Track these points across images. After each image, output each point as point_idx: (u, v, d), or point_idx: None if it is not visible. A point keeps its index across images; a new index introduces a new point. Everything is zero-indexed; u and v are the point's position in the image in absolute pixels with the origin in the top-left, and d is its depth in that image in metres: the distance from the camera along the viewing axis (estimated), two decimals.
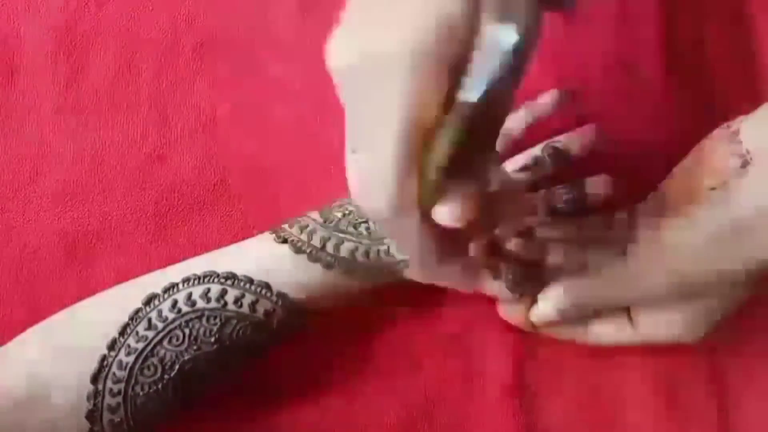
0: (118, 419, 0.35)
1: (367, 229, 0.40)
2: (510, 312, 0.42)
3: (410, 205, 0.27)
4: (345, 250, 0.39)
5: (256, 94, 0.47)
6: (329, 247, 0.39)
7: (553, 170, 0.44)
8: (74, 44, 0.47)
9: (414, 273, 0.39)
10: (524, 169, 0.43)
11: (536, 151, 0.44)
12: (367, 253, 0.39)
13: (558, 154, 0.43)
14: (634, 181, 0.46)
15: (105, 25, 0.48)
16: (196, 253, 0.40)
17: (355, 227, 0.40)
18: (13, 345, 0.37)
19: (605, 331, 0.41)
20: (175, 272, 0.38)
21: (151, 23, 0.48)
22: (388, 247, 0.40)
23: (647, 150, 0.48)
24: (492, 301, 0.44)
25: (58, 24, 0.47)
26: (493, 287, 0.41)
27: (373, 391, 0.44)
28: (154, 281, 0.38)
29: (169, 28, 0.47)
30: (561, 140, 0.44)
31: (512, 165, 0.44)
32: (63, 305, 0.39)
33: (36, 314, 0.38)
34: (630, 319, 0.40)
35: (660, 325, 0.39)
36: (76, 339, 0.37)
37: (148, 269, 0.39)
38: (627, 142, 0.47)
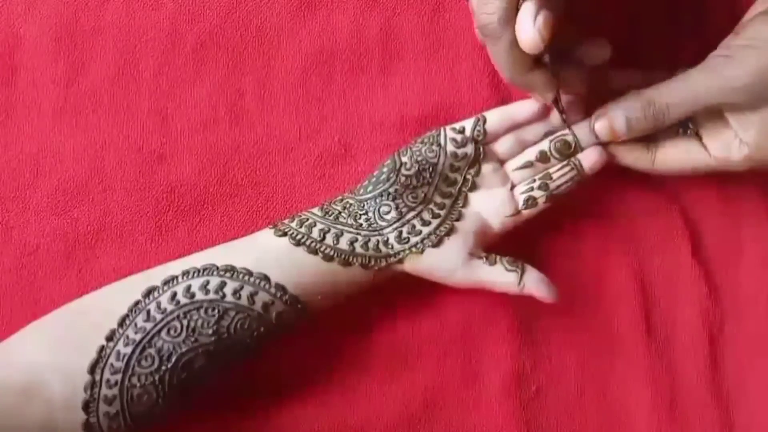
0: (114, 411, 0.35)
1: (367, 220, 0.40)
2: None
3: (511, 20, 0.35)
4: (344, 241, 0.39)
5: (255, 94, 0.47)
6: (328, 239, 0.39)
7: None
8: (74, 44, 0.47)
9: (507, 78, 0.39)
10: (527, 165, 0.43)
11: (543, 146, 0.43)
12: (366, 244, 0.39)
13: (567, 146, 0.42)
14: (633, 181, 0.46)
15: (105, 25, 0.48)
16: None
17: (355, 219, 0.40)
18: (13, 338, 0.37)
19: (676, 155, 0.41)
20: (175, 266, 0.38)
21: (151, 23, 0.48)
22: (387, 238, 0.40)
23: None
24: (492, 301, 0.43)
25: (58, 24, 0.48)
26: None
27: (373, 390, 0.43)
28: (154, 275, 0.38)
29: (169, 29, 0.48)
30: (569, 133, 0.42)
31: (516, 162, 0.43)
32: (63, 304, 0.39)
33: (36, 313, 0.38)
34: (702, 145, 0.40)
35: (733, 146, 0.39)
36: (76, 330, 0.37)
37: (148, 268, 0.39)
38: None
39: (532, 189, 0.42)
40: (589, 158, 0.42)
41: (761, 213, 0.47)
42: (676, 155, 0.41)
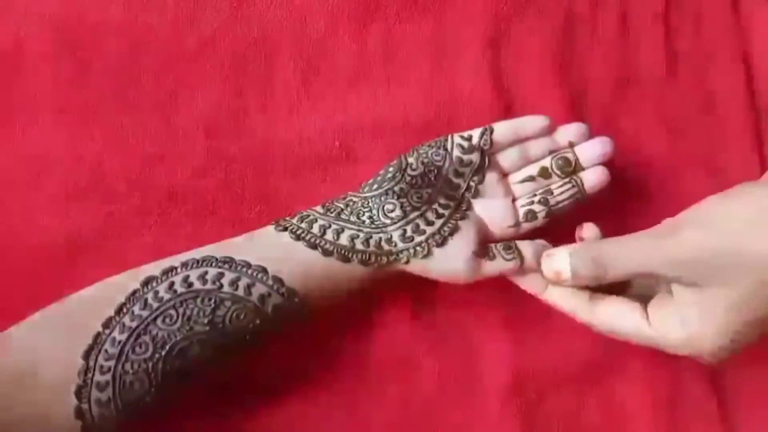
0: (106, 398, 0.34)
1: (370, 217, 0.40)
2: (525, 280, 0.41)
3: None
4: (345, 237, 0.39)
5: (257, 97, 0.48)
6: (329, 235, 0.39)
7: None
8: (77, 45, 0.48)
9: None
10: (529, 179, 0.43)
11: (545, 162, 0.43)
12: (367, 241, 0.39)
13: (568, 164, 0.43)
14: (634, 182, 0.46)
15: (108, 26, 0.48)
16: None
17: (357, 216, 0.40)
18: (13, 327, 0.37)
19: (616, 317, 0.38)
20: (175, 258, 0.38)
21: (154, 25, 0.48)
22: (391, 236, 0.40)
23: (647, 151, 0.48)
24: (492, 304, 0.43)
25: (61, 25, 0.48)
26: None
27: (373, 390, 0.43)
28: (154, 266, 0.38)
29: (171, 31, 0.48)
30: (570, 151, 0.43)
31: (518, 175, 0.43)
32: None
33: None
34: (645, 312, 0.38)
35: (673, 322, 0.36)
36: (74, 317, 0.36)
37: None
38: (626, 144, 0.47)
39: (532, 203, 0.42)
40: (591, 178, 0.42)
41: None
42: (614, 318, 0.39)
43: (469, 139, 0.43)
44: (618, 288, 0.40)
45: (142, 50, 0.48)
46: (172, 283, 0.37)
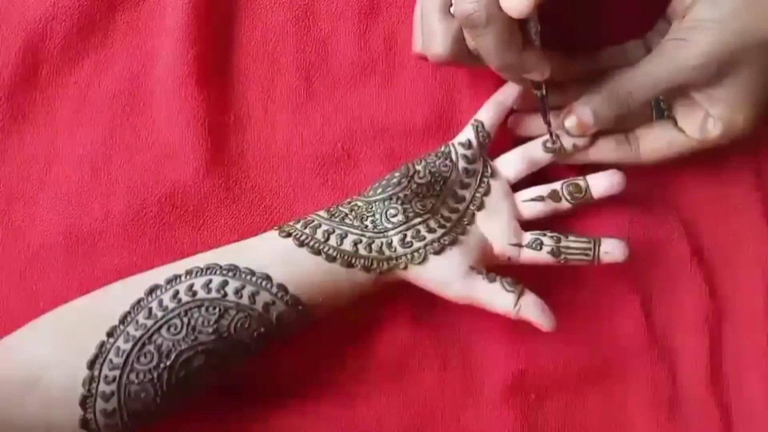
0: (111, 408, 0.34)
1: (373, 222, 0.40)
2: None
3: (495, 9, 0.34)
4: (348, 242, 0.39)
5: (259, 99, 0.48)
6: (332, 240, 0.39)
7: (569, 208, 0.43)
8: (97, 46, 0.48)
9: (501, 64, 0.38)
10: (538, 199, 0.43)
11: (555, 185, 0.43)
12: (369, 246, 0.39)
13: (578, 190, 0.43)
14: (633, 184, 0.46)
15: (119, 31, 0.48)
16: None
17: (361, 221, 0.40)
18: (15, 334, 0.37)
19: (657, 144, 0.43)
20: (179, 265, 0.38)
21: (160, 29, 0.48)
22: (392, 240, 0.40)
23: None
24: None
25: (82, 26, 0.48)
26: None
27: (373, 393, 0.43)
28: (158, 274, 0.38)
29: (178, 34, 0.47)
30: (582, 178, 0.43)
31: (527, 194, 0.43)
32: (65, 303, 0.38)
33: (39, 312, 0.38)
34: (680, 129, 0.42)
35: (708, 124, 0.40)
36: (78, 327, 0.36)
37: (150, 270, 0.39)
38: None
39: (544, 234, 0.42)
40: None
41: (759, 212, 0.47)
42: (657, 144, 0.43)
43: (470, 145, 0.43)
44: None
45: (151, 51, 0.48)
46: (177, 292, 0.37)
